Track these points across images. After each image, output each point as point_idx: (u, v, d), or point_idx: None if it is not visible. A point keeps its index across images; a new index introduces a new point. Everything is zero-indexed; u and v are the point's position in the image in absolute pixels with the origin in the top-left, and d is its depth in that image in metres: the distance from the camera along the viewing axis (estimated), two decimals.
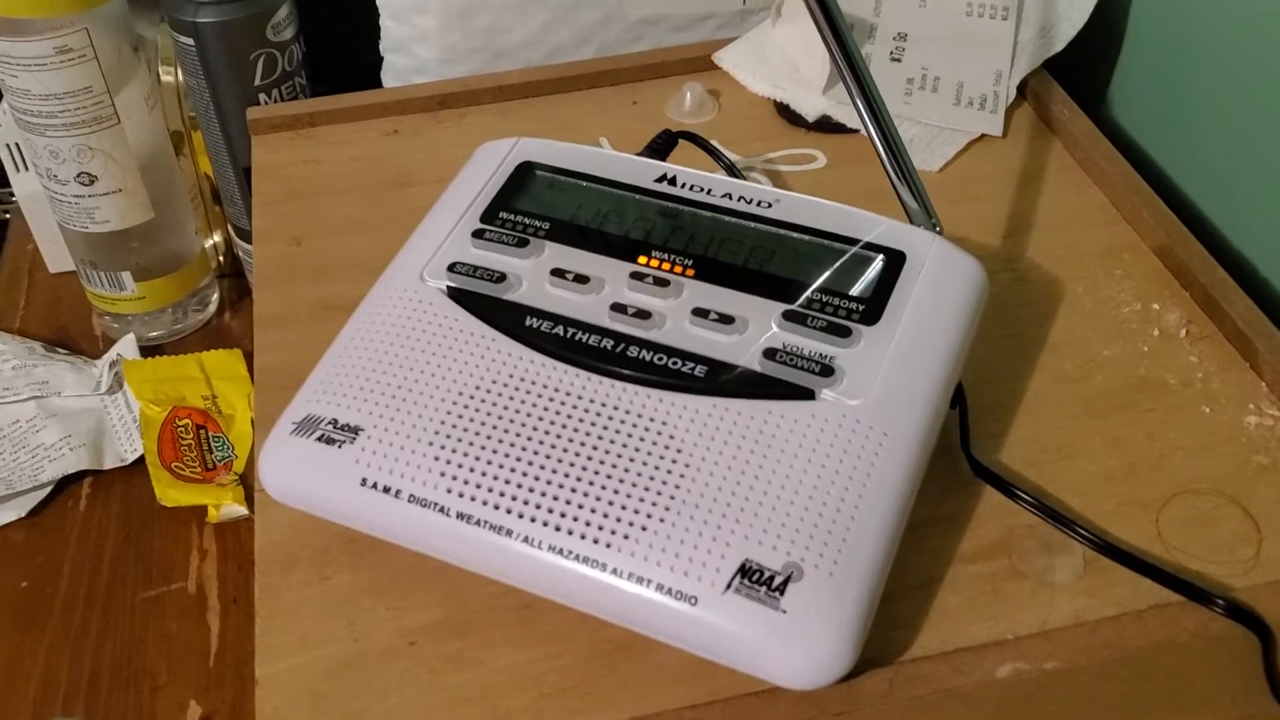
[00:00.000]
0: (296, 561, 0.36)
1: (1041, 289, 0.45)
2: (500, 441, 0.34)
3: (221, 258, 0.67)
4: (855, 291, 0.37)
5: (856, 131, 0.53)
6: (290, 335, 0.44)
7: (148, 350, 0.62)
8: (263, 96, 0.58)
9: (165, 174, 0.59)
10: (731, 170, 0.48)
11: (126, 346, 0.61)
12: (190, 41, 0.56)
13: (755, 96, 0.55)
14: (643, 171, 0.41)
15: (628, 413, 0.34)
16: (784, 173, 0.52)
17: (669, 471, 0.33)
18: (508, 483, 0.33)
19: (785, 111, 0.54)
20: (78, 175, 0.56)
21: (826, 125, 0.53)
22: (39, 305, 0.66)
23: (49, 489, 0.55)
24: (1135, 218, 0.47)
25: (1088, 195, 0.49)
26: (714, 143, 0.50)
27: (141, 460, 0.55)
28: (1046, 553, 0.36)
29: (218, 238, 0.67)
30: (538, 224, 0.40)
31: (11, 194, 0.66)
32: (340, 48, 0.64)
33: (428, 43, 0.59)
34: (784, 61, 0.55)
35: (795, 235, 0.39)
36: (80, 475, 0.56)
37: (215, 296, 0.65)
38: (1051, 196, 0.49)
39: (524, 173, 0.42)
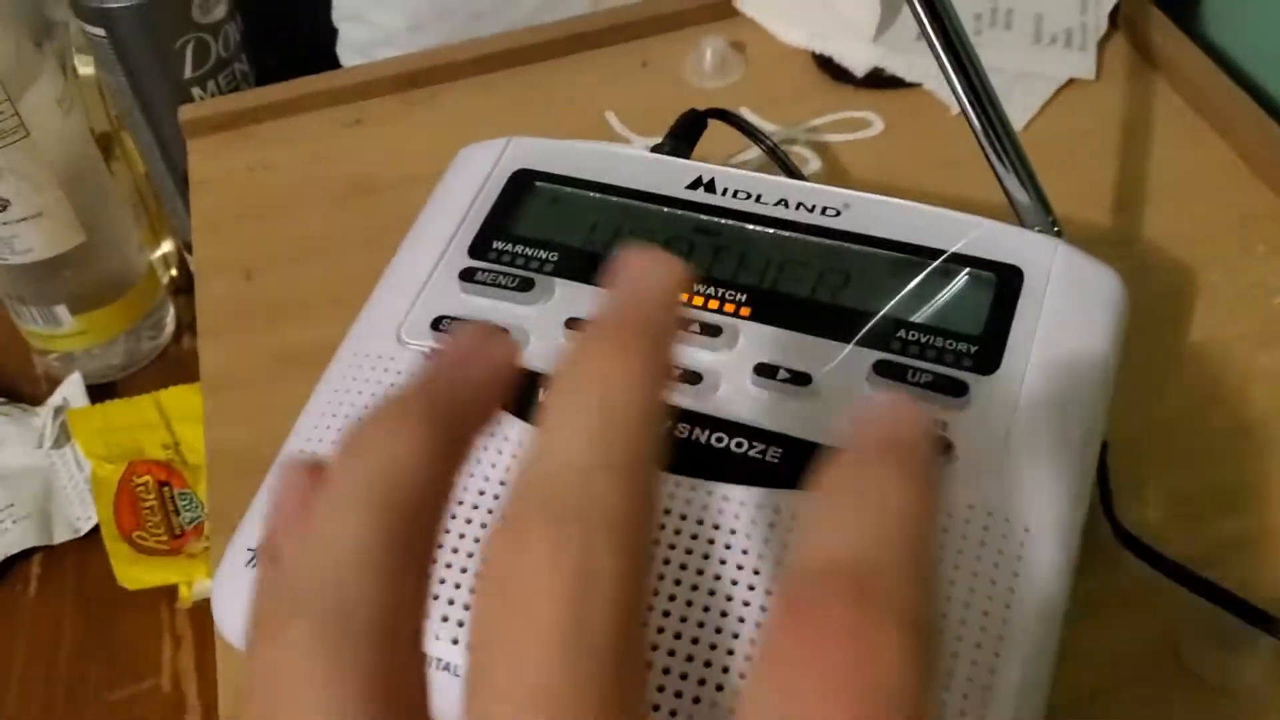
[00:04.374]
0: None
1: (1168, 278, 0.37)
2: None
3: (174, 270, 0.58)
4: (964, 327, 0.28)
5: (917, 86, 0.43)
6: (245, 400, 0.36)
7: (98, 390, 0.53)
8: (196, 91, 0.49)
9: (94, 187, 0.50)
10: (774, 153, 0.39)
11: (73, 388, 0.53)
12: (101, 32, 0.47)
13: (789, 48, 0.46)
14: (670, 174, 0.32)
15: (684, 518, 0.26)
16: (832, 143, 0.42)
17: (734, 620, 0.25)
18: None
19: (827, 65, 0.45)
20: None
21: (878, 80, 0.44)
22: None
23: None
24: (1272, 175, 0.39)
25: (1209, 147, 0.41)
26: (745, 112, 0.41)
27: (98, 529, 0.48)
28: (1222, 647, 0.28)
29: (168, 246, 0.58)
30: (543, 255, 0.31)
31: None
32: (287, 20, 0.54)
33: (389, 5, 0.50)
34: (822, 2, 0.46)
35: (874, 250, 0.30)
36: (28, 552, 0.48)
37: (171, 317, 0.57)
38: (1164, 153, 0.41)
39: (520, 185, 0.33)
